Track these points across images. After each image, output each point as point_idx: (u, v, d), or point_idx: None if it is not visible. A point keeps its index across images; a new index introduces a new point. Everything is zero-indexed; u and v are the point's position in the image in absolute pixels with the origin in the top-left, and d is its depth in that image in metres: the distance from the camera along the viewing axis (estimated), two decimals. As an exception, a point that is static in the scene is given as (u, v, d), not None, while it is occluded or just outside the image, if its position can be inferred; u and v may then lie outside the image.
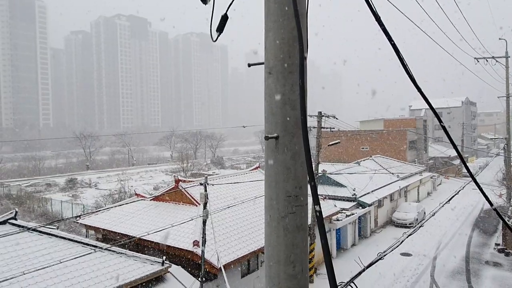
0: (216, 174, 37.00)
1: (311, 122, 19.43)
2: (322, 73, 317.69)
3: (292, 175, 2.35)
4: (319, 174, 20.94)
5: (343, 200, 27.31)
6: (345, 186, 28.81)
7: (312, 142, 19.65)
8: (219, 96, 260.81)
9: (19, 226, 12.67)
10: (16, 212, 13.33)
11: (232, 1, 2.82)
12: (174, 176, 20.16)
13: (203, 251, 12.69)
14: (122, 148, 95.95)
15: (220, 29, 2.97)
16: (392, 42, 2.67)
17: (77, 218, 20.96)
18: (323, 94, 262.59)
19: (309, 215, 18.45)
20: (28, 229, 12.49)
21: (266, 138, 2.44)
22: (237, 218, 17.26)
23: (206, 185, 13.01)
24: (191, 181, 19.07)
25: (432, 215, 12.98)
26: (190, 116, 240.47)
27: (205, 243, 12.60)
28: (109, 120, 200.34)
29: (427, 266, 21.71)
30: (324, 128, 19.82)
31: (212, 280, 14.78)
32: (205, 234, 12.61)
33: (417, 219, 30.62)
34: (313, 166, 18.76)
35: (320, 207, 1.92)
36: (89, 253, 11.66)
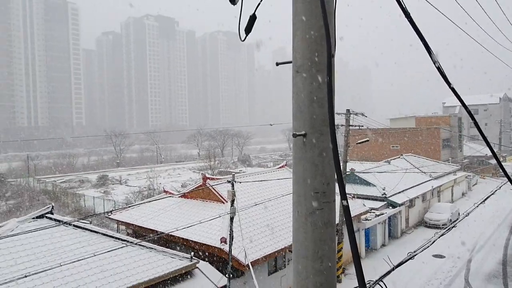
0: (243, 172, 37.24)
1: (339, 120, 19.21)
2: (350, 70, 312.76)
3: (319, 172, 2.38)
4: (347, 173, 20.71)
5: (372, 199, 26.83)
6: (375, 185, 28.30)
7: (340, 140, 19.45)
8: (245, 94, 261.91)
9: (55, 220, 13.25)
10: (52, 206, 13.93)
11: (260, 2, 2.86)
12: (202, 173, 20.47)
13: (230, 248, 12.84)
14: (151, 146, 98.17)
15: (248, 29, 3.02)
16: (422, 38, 2.64)
17: (109, 214, 21.67)
18: (351, 91, 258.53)
19: (338, 214, 18.30)
20: (64, 223, 13.04)
21: (294, 135, 2.48)
22: (264, 215, 17.34)
23: (234, 182, 13.15)
24: (218, 179, 19.31)
25: (466, 216, 12.59)
26: (217, 114, 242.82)
27: (232, 240, 12.75)
28: (138, 119, 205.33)
29: (461, 269, 21.01)
30: (352, 126, 19.54)
31: (239, 277, 14.94)
32: (233, 231, 12.76)
33: (450, 220, 29.66)
34: (341, 164, 18.59)
35: (347, 202, 1.94)
36: (120, 247, 12.06)
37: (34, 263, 10.57)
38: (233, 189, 12.98)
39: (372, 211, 24.83)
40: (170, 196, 20.42)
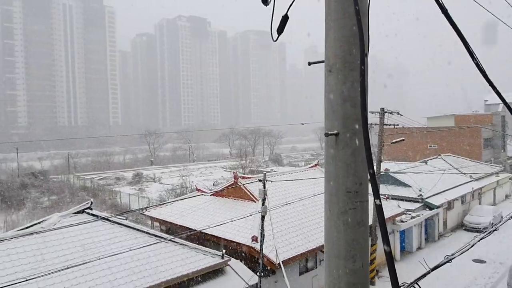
0: (274, 171, 37.22)
1: (373, 119, 18.80)
2: (385, 67, 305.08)
3: (352, 171, 2.38)
4: (381, 173, 20.25)
5: (408, 200, 26.06)
6: (410, 186, 27.48)
7: (374, 140, 19.03)
8: (277, 93, 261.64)
9: (94, 215, 13.83)
10: (91, 202, 14.54)
11: (292, 2, 2.88)
12: (233, 172, 20.68)
13: (261, 247, 12.91)
14: (183, 144, 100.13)
15: (281, 29, 3.05)
16: (460, 34, 2.57)
17: (143, 210, 22.34)
18: (386, 89, 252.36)
19: (371, 214, 17.95)
20: (102, 218, 13.59)
21: (326, 135, 2.48)
22: (295, 215, 17.29)
23: (265, 181, 13.20)
24: (250, 178, 19.44)
25: (509, 219, 12.02)
26: (248, 113, 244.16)
27: (263, 238, 12.81)
28: (171, 118, 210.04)
29: (504, 275, 19.99)
30: (387, 125, 19.07)
31: (270, 276, 14.98)
32: (264, 229, 12.82)
33: (492, 223, 28.27)
34: (374, 163, 18.22)
35: (380, 201, 1.94)
36: (155, 243, 12.41)
37: (74, 255, 11.10)
38: (265, 188, 13.03)
39: (408, 212, 24.14)
40: (202, 194, 20.78)
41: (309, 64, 3.35)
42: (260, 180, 13.59)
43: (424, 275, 5.22)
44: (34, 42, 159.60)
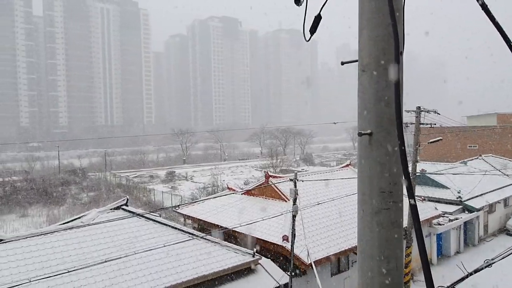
0: (305, 171, 37.00)
1: (408, 118, 18.27)
2: (421, 63, 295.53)
3: (386, 171, 2.35)
4: (417, 174, 19.65)
5: (446, 203, 25.14)
6: (448, 188, 26.47)
7: (409, 140, 18.50)
8: (308, 92, 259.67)
9: (129, 211, 14.31)
10: (127, 199, 15.06)
11: (325, 2, 2.88)
12: (264, 171, 20.75)
13: (292, 246, 12.89)
14: (215, 144, 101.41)
15: (313, 29, 3.05)
16: (501, 31, 2.49)
17: (176, 208, 22.86)
18: (422, 86, 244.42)
19: (406, 217, 17.47)
20: (137, 215, 14.04)
21: (360, 134, 2.47)
22: (327, 215, 17.13)
23: (296, 181, 13.17)
24: (281, 177, 19.44)
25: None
26: (279, 112, 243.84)
27: (294, 238, 12.79)
28: (203, 117, 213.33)
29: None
30: (423, 124, 18.47)
31: (301, 276, 14.93)
32: (295, 229, 12.80)
33: (539, 228, 26.85)
34: (410, 164, 17.71)
35: (415, 200, 1.91)
36: (188, 240, 12.69)
37: (111, 250, 11.55)
38: (296, 187, 13.01)
39: (445, 215, 23.31)
40: (233, 193, 21.00)
41: (342, 63, 3.33)
42: (291, 180, 13.57)
43: (461, 279, 5.04)
44: (74, 45, 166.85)
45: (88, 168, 62.19)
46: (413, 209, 1.91)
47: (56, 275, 9.55)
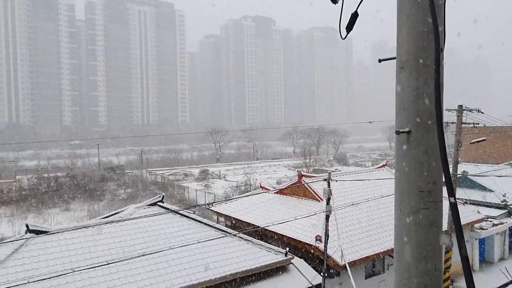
0: (339, 171, 36.53)
1: (449, 116, 17.57)
2: (464, 61, 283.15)
3: (425, 170, 2.31)
4: (458, 175, 18.89)
5: (489, 206, 23.96)
6: (493, 191, 25.19)
7: (450, 140, 17.79)
8: (343, 90, 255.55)
9: (165, 208, 14.72)
10: (163, 196, 15.48)
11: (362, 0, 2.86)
12: (297, 171, 20.67)
13: (325, 247, 12.78)
14: (248, 143, 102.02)
15: (350, 27, 3.03)
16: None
17: (210, 206, 23.23)
18: (465, 84, 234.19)
19: (446, 219, 16.85)
20: (172, 211, 14.41)
21: (397, 132, 2.44)
22: (361, 216, 16.81)
23: (330, 181, 13.04)
24: (314, 177, 19.30)
25: None
26: (312, 111, 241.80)
27: (327, 238, 12.67)
28: (236, 117, 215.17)
29: None
30: (465, 123, 17.69)
31: (334, 277, 14.77)
32: (328, 229, 12.68)
33: None
34: (450, 165, 17.04)
35: (455, 199, 1.87)
36: (221, 237, 12.89)
37: (148, 244, 11.94)
38: (329, 187, 12.88)
39: (489, 219, 22.24)
40: (266, 192, 21.06)
41: (380, 61, 3.29)
42: (324, 179, 13.44)
43: (505, 285, 4.81)
44: (113, 47, 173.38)
45: (126, 166, 64.42)
46: (453, 207, 1.87)
47: (97, 266, 10.01)
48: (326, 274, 13.10)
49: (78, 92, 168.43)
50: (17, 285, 9.06)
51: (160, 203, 15.02)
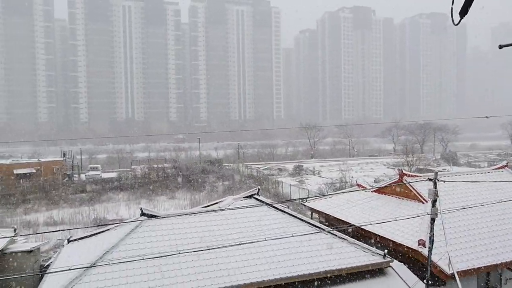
0: (447, 171, 33.33)
1: None
2: None
3: None
4: None
5: None
6: None
7: None
8: (453, 82, 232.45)
9: (260, 201, 15.04)
10: (259, 189, 15.85)
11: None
12: (398, 169, 19.35)
13: (430, 252, 11.73)
14: (343, 139, 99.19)
15: (464, 11, 2.63)
16: None
17: (304, 201, 23.12)
18: None
19: None
20: (267, 204, 14.65)
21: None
22: (473, 222, 15.03)
23: (436, 181, 11.90)
24: (417, 176, 17.85)
25: None
26: (416, 106, 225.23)
27: (432, 243, 11.61)
28: (331, 112, 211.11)
29: None
30: None
31: (438, 286, 13.50)
32: (433, 234, 11.60)
33: None
34: None
35: None
36: (315, 233, 12.69)
37: (244, 234, 12.34)
38: (435, 188, 11.75)
39: None
40: (362, 190, 20.18)
41: (500, 47, 2.83)
42: (430, 179, 12.30)
43: None
44: (213, 46, 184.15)
45: (224, 159, 67.87)
46: None
47: (199, 250, 10.71)
48: (429, 282, 12.02)
49: (183, 90, 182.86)
50: (133, 261, 10.42)
51: (256, 196, 15.39)
